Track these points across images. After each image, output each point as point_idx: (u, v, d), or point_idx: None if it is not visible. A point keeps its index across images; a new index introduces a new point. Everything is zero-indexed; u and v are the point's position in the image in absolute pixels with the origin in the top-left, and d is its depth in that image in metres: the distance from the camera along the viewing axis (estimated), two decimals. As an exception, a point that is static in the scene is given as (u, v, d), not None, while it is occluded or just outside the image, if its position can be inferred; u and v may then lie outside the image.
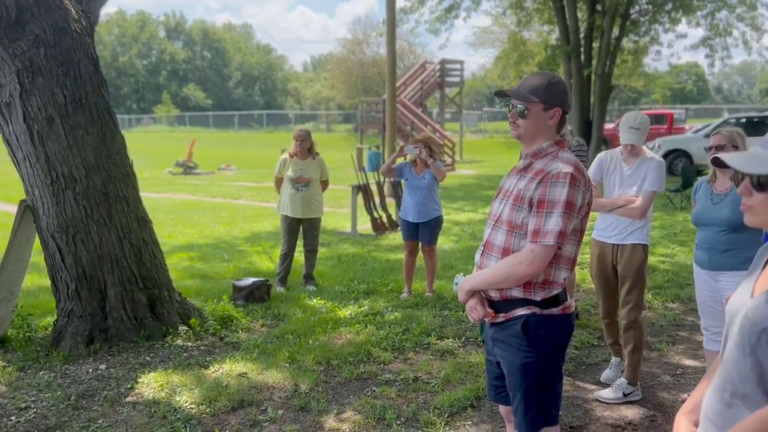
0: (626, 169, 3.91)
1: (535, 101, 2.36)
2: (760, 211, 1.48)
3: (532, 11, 20.93)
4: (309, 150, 6.37)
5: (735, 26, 20.09)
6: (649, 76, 26.84)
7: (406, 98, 23.61)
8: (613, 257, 3.93)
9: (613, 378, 4.07)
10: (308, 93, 62.75)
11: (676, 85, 63.56)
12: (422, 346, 4.73)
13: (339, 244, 8.94)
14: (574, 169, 2.30)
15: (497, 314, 2.41)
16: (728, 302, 1.61)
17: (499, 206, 2.47)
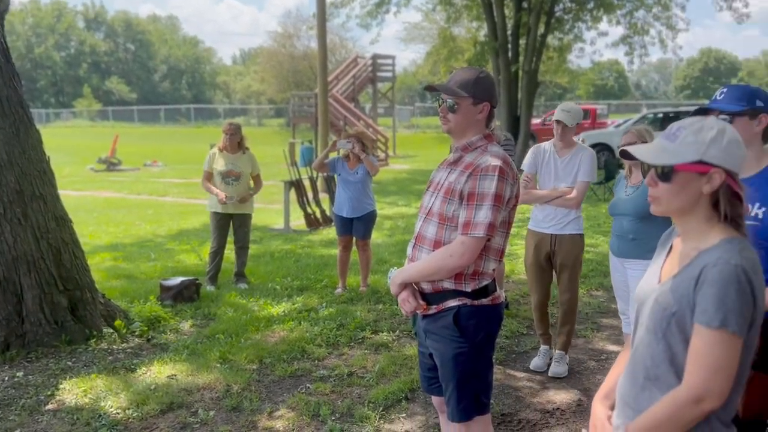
0: (560, 161, 4.04)
1: (464, 96, 2.39)
2: (665, 200, 1.55)
3: (461, 7, 21.23)
4: (239, 144, 6.24)
5: (652, 25, 21.03)
6: (574, 72, 27.73)
7: (338, 93, 23.53)
8: (550, 247, 4.05)
9: (542, 365, 4.19)
10: (238, 87, 61.57)
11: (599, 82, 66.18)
12: (357, 340, 4.72)
13: (271, 241, 8.81)
14: (502, 163, 2.34)
15: (429, 306, 2.43)
16: (637, 288, 1.67)
17: (430, 199, 2.49)
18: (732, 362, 1.42)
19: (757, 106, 2.17)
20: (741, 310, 1.40)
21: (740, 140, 1.53)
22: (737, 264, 1.41)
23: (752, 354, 1.51)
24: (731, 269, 1.41)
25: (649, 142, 3.46)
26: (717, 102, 2.23)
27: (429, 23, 29.94)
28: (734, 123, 2.17)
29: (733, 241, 1.48)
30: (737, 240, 1.49)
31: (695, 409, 1.44)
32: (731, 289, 1.40)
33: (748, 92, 2.21)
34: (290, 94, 30.03)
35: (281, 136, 31.94)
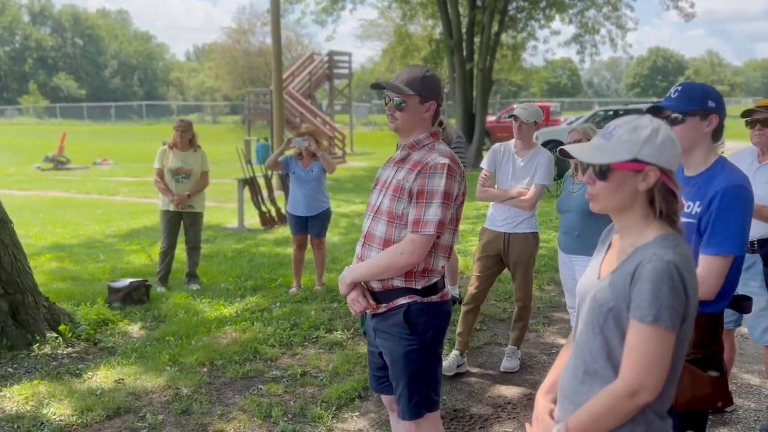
0: (519, 162, 4.08)
1: (411, 94, 2.38)
2: (603, 198, 1.57)
3: (417, 5, 21.33)
4: (190, 141, 6.11)
5: (602, 24, 21.52)
6: (527, 70, 28.17)
7: (294, 89, 23.32)
8: (504, 245, 4.08)
9: (448, 370, 4.00)
10: (192, 83, 60.44)
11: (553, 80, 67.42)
12: (311, 340, 4.69)
13: (225, 240, 8.68)
14: (450, 161, 2.35)
15: (379, 305, 2.42)
16: (578, 284, 1.70)
17: (378, 197, 2.47)
18: (665, 356, 1.45)
19: (709, 106, 2.17)
20: (673, 305, 1.43)
21: (674, 138, 1.56)
22: (670, 260, 1.44)
23: (685, 348, 1.54)
24: (664, 266, 1.44)
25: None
26: (670, 100, 2.23)
27: (385, 20, 29.91)
28: (686, 122, 2.16)
29: (668, 237, 1.51)
30: (671, 237, 1.52)
31: (631, 402, 1.46)
32: (664, 285, 1.43)
33: (701, 92, 2.20)
34: (245, 90, 29.66)
35: (236, 134, 31.51)
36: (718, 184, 2.08)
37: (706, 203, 2.08)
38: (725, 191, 2.05)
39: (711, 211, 2.06)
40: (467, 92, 18.88)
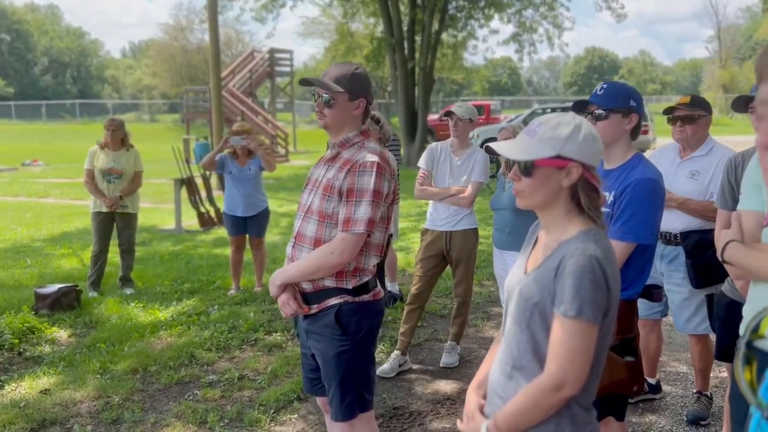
0: (456, 160, 4.12)
1: (340, 91, 2.36)
2: (528, 194, 1.58)
3: (358, 3, 21.29)
4: (122, 141, 5.91)
5: (540, 24, 22.00)
6: (468, 69, 28.56)
7: (234, 87, 22.92)
8: (445, 244, 4.10)
9: (390, 372, 4.01)
10: (128, 81, 58.63)
11: (494, 78, 68.57)
12: (249, 342, 4.60)
13: (161, 242, 8.44)
14: (379, 159, 2.34)
15: (310, 306, 2.39)
16: (506, 280, 1.72)
17: (308, 197, 2.44)
18: (588, 349, 1.48)
19: (631, 105, 2.31)
20: (595, 298, 1.45)
21: (596, 135, 1.60)
22: (592, 255, 1.47)
23: (608, 340, 1.58)
24: (586, 260, 1.46)
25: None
26: (596, 96, 2.35)
27: (327, 18, 29.82)
28: (609, 118, 2.30)
29: (590, 232, 1.54)
30: (593, 231, 1.54)
31: (555, 395, 1.48)
32: (586, 279, 1.45)
33: (624, 91, 2.35)
34: (184, 88, 28.95)
35: (175, 132, 30.71)
36: (633, 176, 2.20)
37: (618, 193, 2.19)
38: (638, 183, 2.17)
39: (622, 200, 2.17)
40: (409, 91, 18.97)
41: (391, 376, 4.02)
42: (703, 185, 3.21)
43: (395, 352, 4.16)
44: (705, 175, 3.21)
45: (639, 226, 2.17)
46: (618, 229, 2.18)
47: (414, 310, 4.20)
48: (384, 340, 4.58)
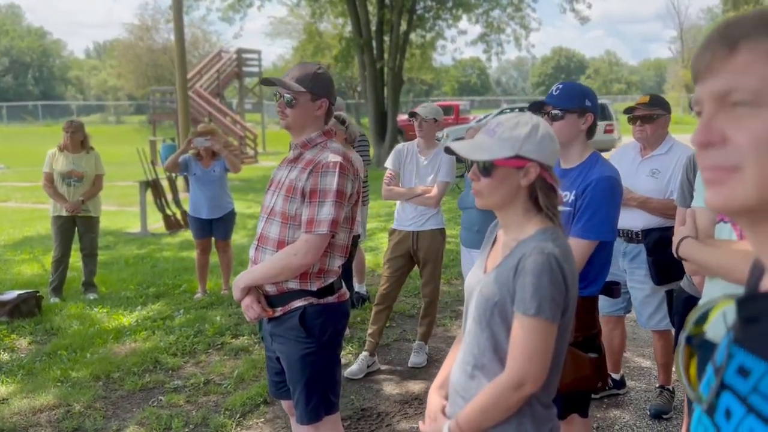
0: (422, 160, 4.12)
1: (302, 91, 2.34)
2: (487, 194, 1.59)
3: (326, 3, 21.21)
4: (82, 143, 5.78)
5: (507, 24, 22.21)
6: (437, 69, 28.69)
7: (201, 88, 22.64)
8: (412, 244, 4.10)
9: (358, 372, 4.00)
10: (93, 82, 57.55)
11: (463, 79, 69.06)
12: (215, 346, 4.54)
13: (127, 246, 8.29)
14: (342, 159, 2.32)
15: (274, 309, 2.36)
16: (466, 280, 1.72)
17: (271, 198, 2.42)
18: (548, 347, 1.49)
19: (586, 105, 2.33)
20: (554, 296, 1.46)
21: (553, 135, 1.61)
22: (550, 253, 1.47)
23: (567, 338, 1.59)
24: (544, 258, 1.47)
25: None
26: (552, 97, 2.36)
27: (295, 18, 29.69)
28: (565, 118, 2.31)
29: (547, 231, 1.55)
30: (551, 230, 1.55)
31: (516, 393, 1.49)
32: (544, 277, 1.46)
33: (579, 92, 2.37)
34: (150, 89, 28.51)
35: (142, 134, 30.23)
36: (592, 175, 2.22)
37: (579, 192, 2.20)
38: (597, 182, 2.19)
39: (583, 199, 2.19)
40: (378, 91, 18.97)
41: (359, 377, 4.01)
42: (663, 183, 3.26)
43: (363, 353, 4.15)
44: (665, 174, 3.27)
45: (600, 224, 2.20)
46: (580, 227, 2.21)
47: (382, 311, 4.19)
48: (352, 342, 4.57)
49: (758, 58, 0.64)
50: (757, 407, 0.64)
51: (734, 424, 0.67)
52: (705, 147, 0.69)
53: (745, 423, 0.65)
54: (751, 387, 0.66)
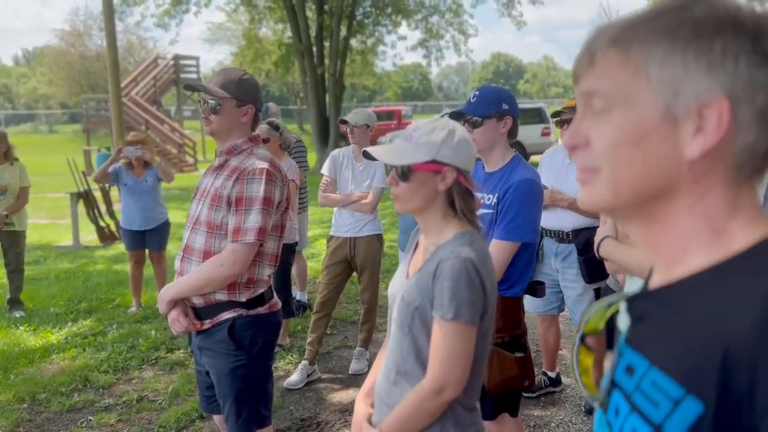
0: (358, 166, 4.09)
1: (226, 97, 2.29)
2: (406, 199, 1.57)
3: (264, 9, 21.01)
4: (6, 154, 5.51)
5: (446, 30, 22.52)
6: (379, 75, 28.81)
7: (137, 95, 22.04)
8: (349, 250, 4.07)
9: (298, 382, 3.95)
10: (22, 90, 55.20)
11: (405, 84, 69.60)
12: (150, 362, 4.39)
13: (57, 260, 7.95)
14: (269, 165, 2.28)
15: (202, 322, 2.29)
16: (389, 286, 1.71)
17: (196, 207, 2.35)
18: (467, 351, 1.48)
19: (503, 108, 2.35)
20: (472, 300, 1.46)
21: (469, 140, 1.61)
22: (467, 257, 1.47)
23: (488, 341, 1.59)
24: (461, 262, 1.46)
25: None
26: (470, 105, 2.38)
27: (234, 24, 29.28)
28: (484, 124, 2.34)
29: (465, 235, 1.54)
30: (469, 234, 1.55)
31: (438, 399, 1.48)
32: (462, 281, 1.45)
33: (495, 96, 2.38)
34: (83, 97, 27.56)
35: (76, 144, 29.16)
36: (513, 178, 2.26)
37: (501, 195, 2.24)
38: (519, 184, 2.22)
39: (505, 201, 2.22)
40: (320, 96, 18.90)
41: (299, 387, 3.95)
42: (591, 184, 3.34)
43: (303, 362, 4.09)
44: (593, 175, 3.34)
45: (523, 225, 2.23)
46: (503, 229, 2.24)
47: (321, 319, 4.15)
48: (292, 351, 4.50)
49: (609, 65, 0.66)
50: (639, 406, 0.65)
51: (620, 422, 0.68)
52: (573, 149, 0.71)
53: (629, 422, 0.66)
54: (634, 385, 0.67)
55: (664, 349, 0.64)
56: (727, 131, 0.62)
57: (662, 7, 0.65)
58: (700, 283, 0.64)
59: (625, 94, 0.65)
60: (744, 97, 0.62)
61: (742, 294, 0.59)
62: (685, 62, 0.63)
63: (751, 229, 0.64)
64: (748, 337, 0.55)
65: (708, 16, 0.63)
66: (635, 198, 0.67)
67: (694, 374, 0.59)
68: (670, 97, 0.63)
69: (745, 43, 0.61)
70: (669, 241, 0.68)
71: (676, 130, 0.63)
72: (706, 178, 0.64)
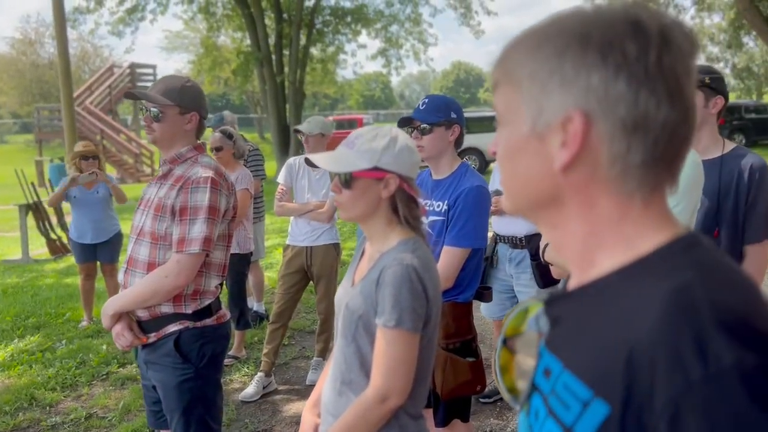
0: (314, 175, 4.05)
1: (169, 104, 2.24)
2: (349, 206, 1.56)
3: (223, 17, 20.82)
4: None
5: (406, 39, 22.65)
6: (341, 83, 28.83)
7: (92, 105, 21.57)
8: (306, 259, 4.01)
9: (253, 395, 3.90)
10: (-30, 99, 53.38)
11: (367, 92, 69.83)
12: (100, 377, 4.26)
13: (5, 274, 7.68)
14: (214, 174, 2.23)
15: (147, 335, 2.23)
16: (336, 294, 1.69)
17: (140, 218, 2.29)
18: (411, 359, 1.46)
19: (452, 117, 2.36)
20: (414, 307, 1.44)
21: (412, 147, 1.60)
22: (409, 264, 1.46)
23: (434, 347, 1.58)
24: (403, 269, 1.45)
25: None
26: (419, 112, 2.38)
27: (191, 32, 28.93)
28: (433, 132, 2.34)
29: (408, 242, 1.53)
30: (412, 241, 1.54)
31: (381, 407, 1.46)
32: (404, 288, 1.44)
33: (444, 104, 2.39)
34: (35, 107, 26.83)
35: (28, 154, 28.35)
36: (463, 185, 2.27)
37: (452, 202, 2.25)
38: (468, 192, 2.24)
39: (455, 208, 2.24)
40: (280, 105, 18.79)
41: (254, 399, 3.88)
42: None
43: (259, 374, 4.02)
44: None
45: (472, 231, 2.25)
46: (454, 236, 2.25)
47: (277, 329, 4.08)
48: (248, 363, 4.43)
49: (499, 84, 0.71)
50: (554, 408, 0.65)
51: (539, 425, 0.68)
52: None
53: (546, 425, 0.66)
54: (550, 388, 0.67)
55: (575, 351, 0.65)
56: (586, 144, 0.63)
57: (535, 25, 0.69)
58: (606, 285, 0.65)
59: (508, 111, 0.70)
60: (601, 110, 0.63)
61: (644, 296, 0.59)
62: (543, 80, 0.65)
63: (656, 233, 0.65)
64: (649, 338, 0.55)
65: (560, 33, 0.65)
66: (529, 205, 0.71)
67: (600, 376, 0.59)
68: (536, 113, 0.66)
69: (595, 58, 0.62)
70: (571, 246, 0.70)
71: (544, 144, 0.66)
72: (588, 188, 0.66)
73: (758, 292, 0.59)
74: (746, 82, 30.41)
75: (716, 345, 0.52)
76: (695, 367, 0.52)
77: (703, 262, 0.61)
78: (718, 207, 2.27)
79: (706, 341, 0.52)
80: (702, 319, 0.54)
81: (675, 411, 0.52)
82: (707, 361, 0.52)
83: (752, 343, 0.52)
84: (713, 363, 0.51)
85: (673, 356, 0.53)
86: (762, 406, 0.50)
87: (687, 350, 0.53)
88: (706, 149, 2.28)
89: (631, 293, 0.61)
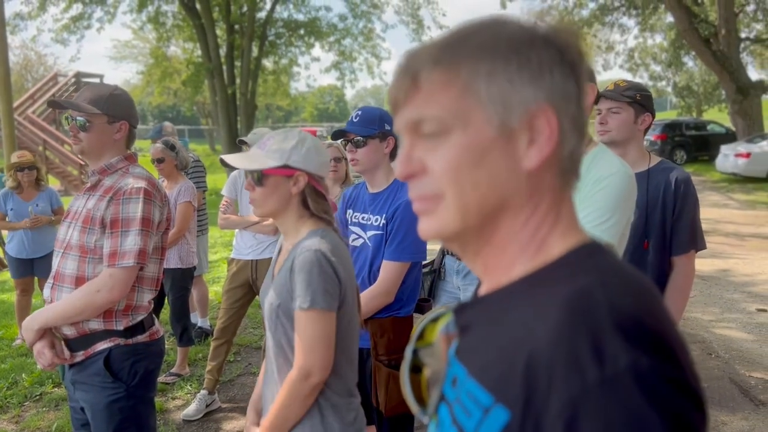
0: None
1: (96, 113, 2.15)
2: (262, 202, 1.65)
3: (173, 27, 20.51)
4: None
5: (359, 53, 22.77)
6: (294, 96, 28.73)
7: (34, 114, 20.84)
8: (251, 273, 3.92)
9: (196, 414, 3.78)
10: None
11: (321, 105, 69.81)
12: (33, 398, 4.06)
13: (-65, 291, 7.30)
14: (147, 184, 2.15)
15: (74, 354, 2.12)
16: (260, 291, 1.77)
17: (66, 231, 2.18)
18: (328, 335, 1.56)
19: (386, 129, 2.33)
20: (326, 288, 1.54)
21: (320, 148, 1.68)
22: (317, 249, 1.56)
23: (355, 328, 1.66)
24: (312, 255, 1.55)
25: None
26: (352, 124, 2.34)
27: (141, 42, 28.38)
28: (368, 144, 2.31)
29: (317, 231, 1.64)
30: (321, 230, 1.64)
31: (306, 384, 1.55)
32: (314, 271, 1.53)
33: (377, 116, 2.34)
34: (-26, 116, 25.79)
35: (-34, 166, 27.22)
36: (400, 198, 2.26)
37: (390, 216, 2.22)
38: (406, 205, 2.22)
39: (393, 222, 2.22)
40: (231, 116, 18.57)
41: (197, 418, 3.76)
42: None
43: (201, 391, 3.90)
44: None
45: (411, 245, 2.23)
46: (393, 250, 2.23)
47: (221, 345, 3.97)
48: (192, 380, 4.29)
49: (436, 88, 0.65)
50: (457, 417, 0.64)
51: None
52: (409, 178, 0.68)
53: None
54: (455, 397, 0.66)
55: (478, 358, 0.64)
56: (558, 139, 0.63)
57: (472, 26, 0.66)
58: (511, 292, 0.64)
59: (458, 114, 0.64)
60: (561, 106, 0.64)
61: (544, 301, 0.59)
62: (509, 76, 0.63)
63: (566, 238, 0.65)
64: (547, 341, 0.55)
65: (521, 31, 0.64)
66: (482, 218, 0.66)
67: (501, 383, 0.59)
68: (502, 112, 0.63)
69: (555, 55, 0.64)
70: (504, 259, 0.67)
71: (512, 143, 0.64)
72: (538, 189, 0.65)
73: (657, 296, 0.59)
74: (686, 100, 31.59)
75: (612, 347, 0.52)
76: (592, 369, 0.51)
77: (604, 268, 0.61)
78: (647, 219, 2.32)
79: (604, 343, 0.52)
80: (600, 321, 0.53)
81: (572, 413, 0.51)
82: (604, 363, 0.51)
83: (647, 345, 0.52)
84: (610, 365, 0.51)
85: (570, 358, 0.53)
86: (655, 407, 0.50)
87: (584, 352, 0.52)
88: (634, 163, 2.33)
89: (532, 300, 0.60)
